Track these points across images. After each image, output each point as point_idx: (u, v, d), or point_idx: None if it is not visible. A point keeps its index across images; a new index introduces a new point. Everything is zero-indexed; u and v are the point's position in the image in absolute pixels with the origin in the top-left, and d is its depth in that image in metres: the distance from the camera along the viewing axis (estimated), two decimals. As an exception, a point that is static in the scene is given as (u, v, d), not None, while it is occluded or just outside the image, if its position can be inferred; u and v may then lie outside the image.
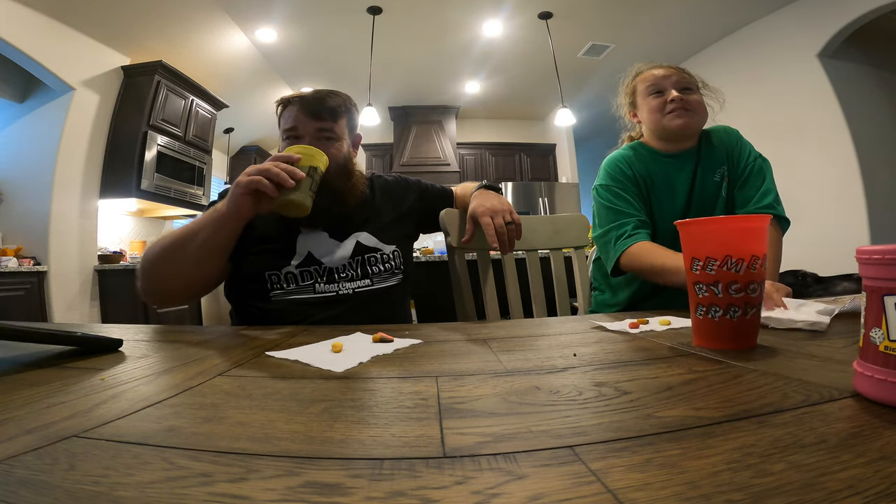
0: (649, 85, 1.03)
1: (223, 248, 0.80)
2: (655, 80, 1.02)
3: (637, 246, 0.93)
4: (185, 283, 0.83)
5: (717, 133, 1.08)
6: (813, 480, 0.19)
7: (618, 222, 0.99)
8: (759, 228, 0.48)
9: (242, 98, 4.43)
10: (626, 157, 1.07)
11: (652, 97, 1.03)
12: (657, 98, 1.02)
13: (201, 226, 0.78)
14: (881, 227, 2.90)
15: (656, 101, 1.02)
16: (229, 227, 0.77)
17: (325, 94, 0.93)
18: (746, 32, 3.66)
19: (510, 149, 5.61)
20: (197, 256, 0.79)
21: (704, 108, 1.02)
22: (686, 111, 0.99)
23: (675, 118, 0.99)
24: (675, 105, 0.99)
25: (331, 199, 0.91)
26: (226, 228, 0.77)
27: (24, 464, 0.23)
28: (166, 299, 0.87)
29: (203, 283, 0.87)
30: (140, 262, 0.83)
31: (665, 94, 1.00)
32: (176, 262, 0.80)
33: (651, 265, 0.90)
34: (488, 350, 0.51)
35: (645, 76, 1.05)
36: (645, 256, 0.91)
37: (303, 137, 0.91)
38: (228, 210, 0.75)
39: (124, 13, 2.99)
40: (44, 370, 0.42)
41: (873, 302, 0.30)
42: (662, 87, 1.01)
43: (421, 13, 3.38)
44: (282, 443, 0.26)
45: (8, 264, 2.60)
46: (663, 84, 1.01)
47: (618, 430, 0.27)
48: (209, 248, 0.78)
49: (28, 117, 3.01)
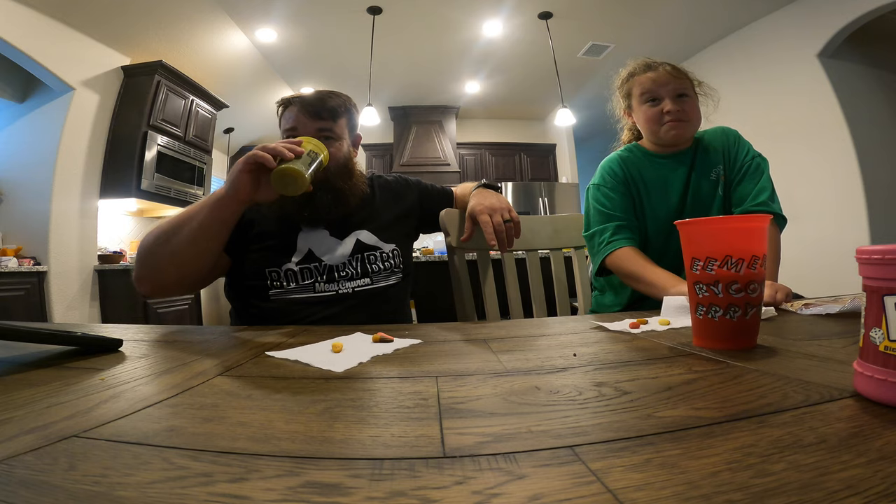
0: (644, 92, 1.03)
1: (218, 230, 0.78)
2: (651, 87, 1.02)
3: (616, 253, 0.99)
4: (178, 267, 0.80)
5: (715, 134, 1.09)
6: (813, 480, 0.19)
7: (601, 227, 1.03)
8: (759, 228, 0.48)
9: (242, 98, 4.43)
10: (620, 158, 1.09)
11: (648, 105, 1.03)
12: (653, 107, 1.02)
13: (199, 208, 0.77)
14: (881, 227, 2.90)
15: (652, 110, 1.02)
16: (227, 209, 0.76)
17: (324, 95, 0.94)
18: (746, 32, 3.66)
19: (510, 149, 5.61)
20: (192, 237, 0.77)
21: (699, 113, 1.04)
22: (681, 122, 1.00)
23: (670, 129, 1.00)
24: (671, 117, 1.00)
25: (331, 197, 0.91)
26: (224, 210, 0.76)
27: (24, 464, 0.23)
28: (158, 286, 0.85)
29: (196, 272, 0.84)
30: (137, 251, 0.82)
31: (661, 104, 1.01)
32: (170, 244, 0.78)
33: (628, 272, 0.96)
34: (488, 350, 0.51)
35: (641, 80, 1.04)
36: (623, 264, 0.97)
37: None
38: (227, 191, 0.74)
39: (124, 13, 2.99)
40: (44, 370, 0.42)
41: (873, 302, 0.30)
42: (658, 96, 1.01)
43: (421, 13, 3.37)
44: (282, 443, 0.26)
45: (8, 264, 2.60)
46: (659, 93, 1.01)
47: (618, 430, 0.27)
48: (205, 229, 0.77)
49: (28, 117, 3.01)
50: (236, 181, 0.73)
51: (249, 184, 0.73)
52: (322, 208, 0.91)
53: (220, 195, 0.75)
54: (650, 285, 0.90)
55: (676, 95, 1.00)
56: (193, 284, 0.88)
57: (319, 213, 0.91)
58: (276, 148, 0.72)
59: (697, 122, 1.03)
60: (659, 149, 1.07)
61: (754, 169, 1.02)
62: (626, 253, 0.97)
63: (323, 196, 0.90)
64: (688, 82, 1.02)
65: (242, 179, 0.73)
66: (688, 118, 1.00)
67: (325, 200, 0.91)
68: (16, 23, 2.61)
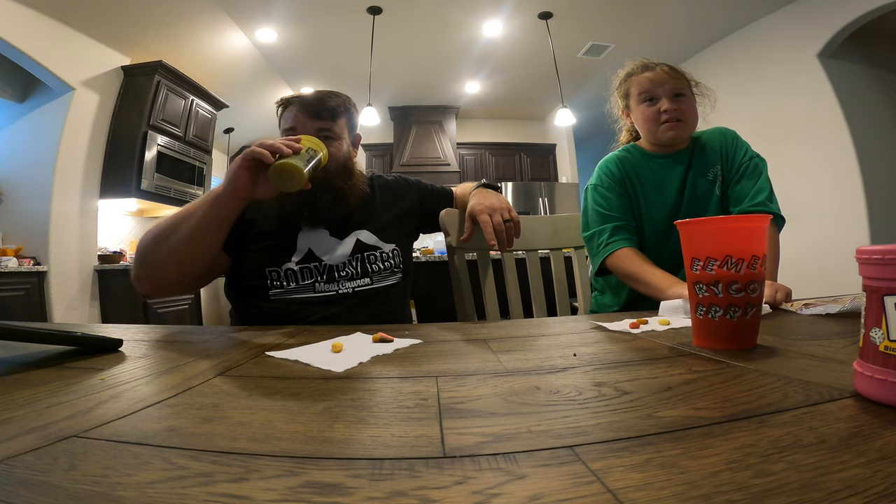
0: (642, 91, 1.04)
1: (217, 228, 0.78)
2: (649, 86, 1.03)
3: (615, 255, 0.99)
4: (177, 266, 0.79)
5: (713, 134, 1.09)
6: (813, 480, 0.19)
7: (599, 228, 1.04)
8: (759, 228, 0.48)
9: (242, 98, 4.43)
10: (618, 158, 1.09)
11: (645, 105, 1.04)
12: (650, 107, 1.03)
13: (197, 205, 0.77)
14: (881, 227, 2.90)
15: (650, 110, 1.03)
16: (226, 206, 0.75)
17: (324, 95, 0.94)
18: (746, 32, 3.66)
19: (510, 149, 5.61)
20: (190, 235, 0.76)
21: (696, 112, 1.04)
22: (679, 122, 1.00)
23: (668, 130, 1.01)
24: (668, 116, 1.00)
25: (331, 197, 0.91)
26: (222, 207, 0.75)
27: (24, 464, 0.23)
28: (157, 286, 0.84)
29: (196, 270, 0.83)
30: (135, 250, 0.82)
31: (658, 104, 1.02)
32: (168, 243, 0.77)
33: (627, 273, 0.97)
34: (488, 350, 0.51)
35: (639, 80, 1.05)
36: (623, 265, 0.98)
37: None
38: (225, 188, 0.74)
39: (124, 13, 2.99)
40: (44, 370, 0.42)
41: (873, 302, 0.30)
42: (655, 95, 1.02)
43: (421, 13, 3.37)
44: (282, 443, 0.26)
45: (8, 264, 2.60)
46: (656, 92, 1.02)
47: (618, 430, 0.27)
48: (203, 227, 0.76)
49: (28, 117, 3.01)
50: (234, 178, 0.73)
51: (248, 180, 0.73)
52: (322, 208, 0.91)
53: (218, 192, 0.75)
54: (648, 286, 0.91)
55: (674, 95, 1.01)
56: (193, 283, 0.88)
57: (319, 212, 0.91)
58: (273, 144, 0.71)
59: (694, 121, 1.04)
60: (656, 149, 1.08)
61: (752, 169, 1.02)
62: (625, 254, 0.98)
63: (323, 196, 0.90)
64: (685, 82, 1.03)
65: (241, 176, 0.73)
66: (685, 118, 1.01)
67: (325, 200, 0.91)
68: (16, 23, 2.61)
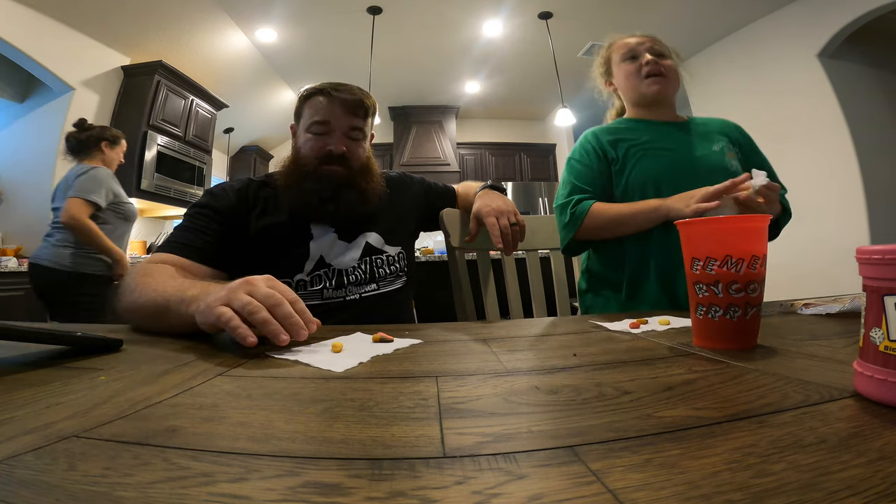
0: (624, 52, 1.05)
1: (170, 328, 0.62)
2: (630, 46, 1.05)
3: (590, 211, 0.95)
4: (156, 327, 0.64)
5: (713, 120, 1.10)
6: (813, 480, 0.19)
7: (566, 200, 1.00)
8: (760, 228, 0.48)
9: (242, 98, 4.43)
10: (598, 132, 1.05)
11: (627, 62, 1.05)
12: (632, 63, 1.04)
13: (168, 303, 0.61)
14: (881, 227, 2.90)
15: (631, 65, 1.04)
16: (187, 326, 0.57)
17: (360, 92, 0.93)
18: (746, 32, 3.66)
19: (510, 149, 5.61)
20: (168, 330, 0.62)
21: (677, 74, 1.05)
22: (661, 77, 1.00)
23: (652, 84, 1.01)
24: (649, 68, 1.00)
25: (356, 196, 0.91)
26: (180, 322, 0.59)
27: (24, 464, 0.23)
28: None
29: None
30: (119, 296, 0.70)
31: (640, 59, 1.02)
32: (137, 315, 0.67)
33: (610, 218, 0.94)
34: (488, 350, 0.51)
35: (619, 44, 1.07)
36: (602, 214, 0.95)
37: (333, 132, 0.90)
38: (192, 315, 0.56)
39: (124, 13, 2.99)
40: (44, 370, 0.42)
41: (873, 302, 0.30)
42: (637, 53, 1.03)
43: (421, 13, 3.38)
44: (282, 443, 0.26)
45: (8, 264, 2.60)
46: (637, 50, 1.03)
47: (618, 430, 0.27)
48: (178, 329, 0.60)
49: (28, 117, 3.01)
50: (204, 325, 0.54)
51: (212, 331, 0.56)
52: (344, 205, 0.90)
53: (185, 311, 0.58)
54: (636, 214, 0.90)
55: (655, 54, 1.02)
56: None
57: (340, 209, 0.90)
58: (272, 330, 0.50)
59: (676, 82, 1.04)
60: (646, 113, 1.06)
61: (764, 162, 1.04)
62: (598, 206, 0.96)
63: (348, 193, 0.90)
64: (665, 47, 1.05)
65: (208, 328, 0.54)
66: (667, 74, 1.01)
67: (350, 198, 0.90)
68: (16, 23, 2.61)
